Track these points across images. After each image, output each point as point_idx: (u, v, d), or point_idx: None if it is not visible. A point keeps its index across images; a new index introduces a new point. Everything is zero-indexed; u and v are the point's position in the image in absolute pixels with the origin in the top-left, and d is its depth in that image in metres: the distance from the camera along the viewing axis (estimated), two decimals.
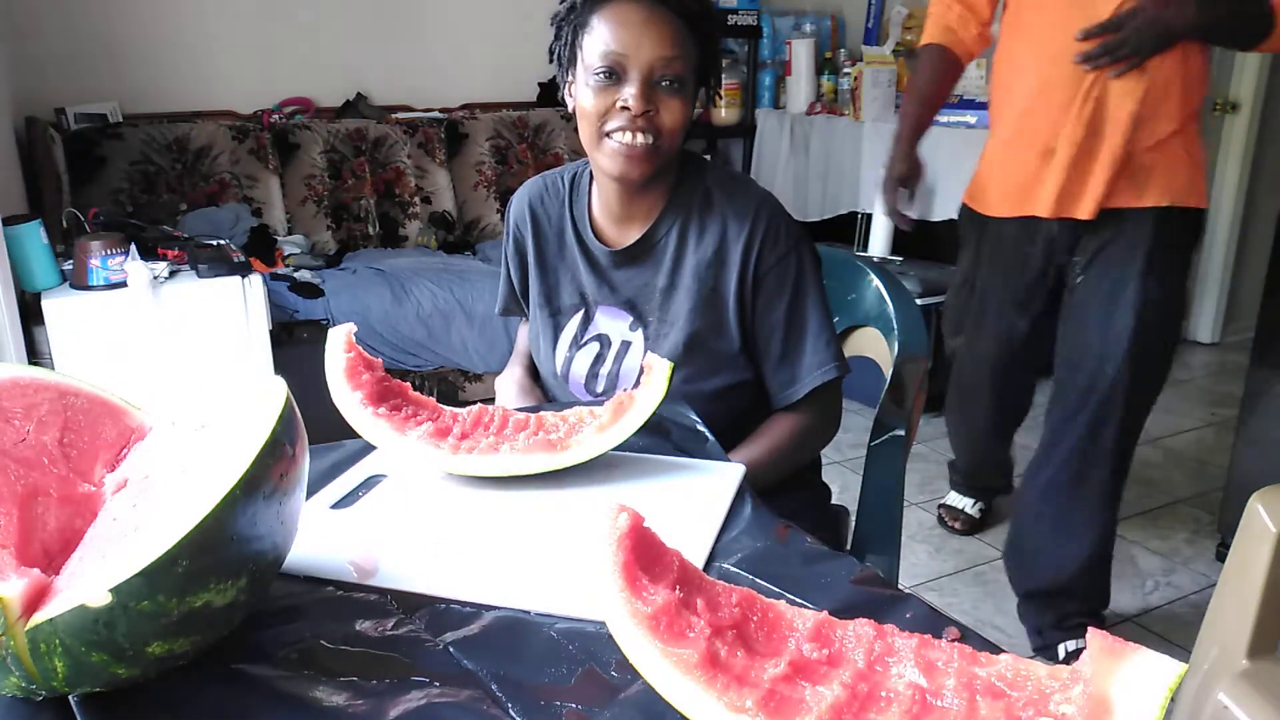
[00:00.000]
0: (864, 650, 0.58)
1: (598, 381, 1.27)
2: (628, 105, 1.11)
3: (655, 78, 1.11)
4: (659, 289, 1.23)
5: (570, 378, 1.29)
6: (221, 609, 0.60)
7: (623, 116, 1.12)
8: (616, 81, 1.11)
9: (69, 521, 0.65)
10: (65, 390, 0.71)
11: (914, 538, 2.47)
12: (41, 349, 2.34)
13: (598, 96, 1.12)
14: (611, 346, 1.27)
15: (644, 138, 1.12)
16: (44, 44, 3.13)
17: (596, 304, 1.27)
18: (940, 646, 0.58)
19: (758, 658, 0.57)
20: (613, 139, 1.13)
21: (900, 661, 0.57)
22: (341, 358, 0.95)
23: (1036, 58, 1.77)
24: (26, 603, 0.55)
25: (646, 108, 1.11)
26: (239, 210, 3.10)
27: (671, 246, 1.22)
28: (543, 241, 1.30)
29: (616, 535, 0.60)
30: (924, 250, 3.43)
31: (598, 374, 1.27)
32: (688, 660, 0.55)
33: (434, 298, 2.91)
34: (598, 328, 1.27)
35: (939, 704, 0.54)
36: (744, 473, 0.94)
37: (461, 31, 3.78)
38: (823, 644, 0.59)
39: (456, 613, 0.71)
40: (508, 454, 0.90)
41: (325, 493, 0.90)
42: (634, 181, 1.16)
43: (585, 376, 1.27)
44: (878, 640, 0.58)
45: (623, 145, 1.13)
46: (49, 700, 0.60)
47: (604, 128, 1.13)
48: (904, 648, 0.58)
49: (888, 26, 3.85)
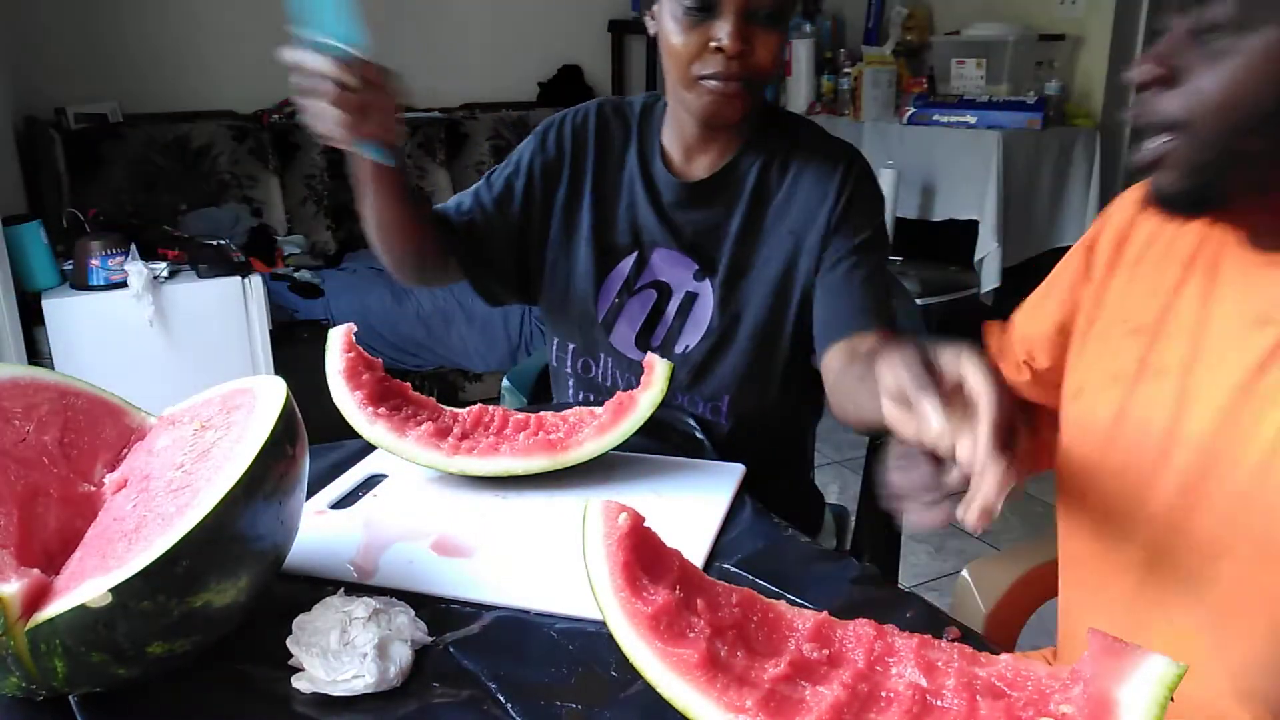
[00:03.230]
0: (864, 650, 0.58)
1: (654, 334, 1.15)
2: (722, 46, 0.99)
3: (751, 8, 0.99)
4: (732, 232, 1.10)
5: (616, 329, 1.15)
6: (221, 609, 0.60)
7: (717, 60, 1.00)
8: (709, 14, 0.99)
9: (69, 521, 0.65)
10: (65, 390, 0.71)
11: (914, 538, 2.47)
12: (41, 349, 2.34)
13: (687, 33, 1.00)
14: (673, 298, 1.14)
15: (739, 82, 1.01)
16: (44, 44, 3.12)
17: (653, 246, 1.13)
18: (940, 646, 0.58)
19: (758, 658, 0.57)
20: (705, 83, 1.02)
21: (900, 661, 0.57)
22: (341, 358, 0.95)
23: None
24: (27, 603, 0.55)
25: (742, 47, 0.99)
26: (239, 210, 3.10)
27: (751, 183, 1.10)
28: (603, 168, 1.16)
29: (616, 535, 0.59)
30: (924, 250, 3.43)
31: (653, 326, 1.14)
32: (687, 660, 0.55)
33: (434, 298, 2.91)
34: (655, 273, 1.14)
35: (939, 704, 0.54)
36: (743, 473, 0.94)
37: (461, 31, 3.78)
38: (823, 644, 0.58)
39: (457, 613, 0.71)
40: (508, 454, 0.90)
41: (325, 493, 0.90)
42: (725, 125, 1.07)
43: (639, 329, 1.15)
44: (878, 640, 0.58)
45: (717, 89, 1.02)
46: (49, 700, 0.60)
47: (695, 71, 1.02)
48: (904, 648, 0.57)
49: (888, 26, 3.85)
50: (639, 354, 1.14)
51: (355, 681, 0.60)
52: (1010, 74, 3.30)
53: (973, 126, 3.17)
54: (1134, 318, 0.77)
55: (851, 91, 3.64)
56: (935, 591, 2.24)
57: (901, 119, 3.43)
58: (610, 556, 0.59)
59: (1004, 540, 2.43)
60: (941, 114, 3.28)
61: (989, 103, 3.20)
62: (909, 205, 3.39)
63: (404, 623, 0.65)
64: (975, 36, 3.41)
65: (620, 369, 1.16)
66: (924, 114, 3.33)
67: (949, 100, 3.32)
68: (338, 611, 0.65)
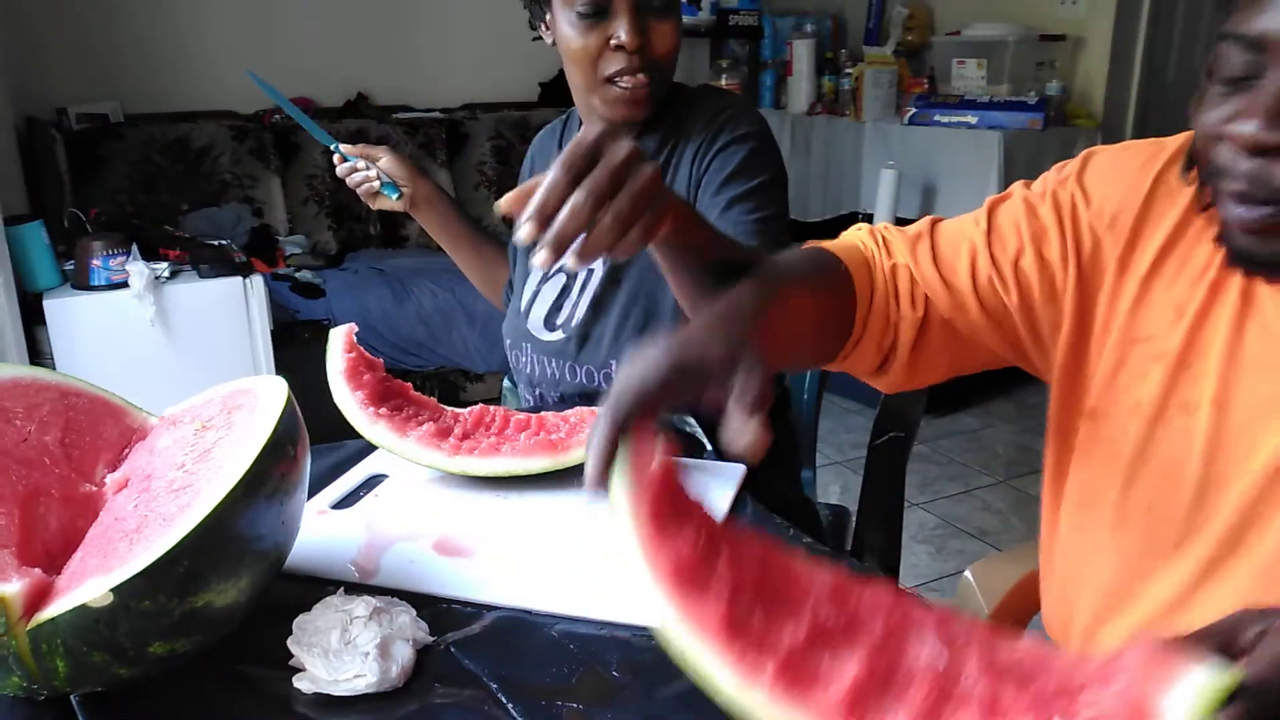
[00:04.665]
0: (882, 618, 0.55)
1: (558, 314, 1.20)
2: (621, 42, 1.01)
3: (643, 2, 1.01)
4: None
5: (531, 314, 1.22)
6: (222, 609, 0.60)
7: (619, 57, 1.03)
8: (602, 15, 1.02)
9: (70, 521, 0.65)
10: (66, 390, 0.71)
11: (914, 538, 2.47)
12: (43, 349, 2.34)
13: (585, 36, 1.03)
14: (576, 277, 1.18)
15: (644, 76, 1.03)
16: (45, 44, 3.13)
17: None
18: (960, 622, 0.55)
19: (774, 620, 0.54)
20: (614, 85, 1.05)
21: (920, 634, 0.54)
22: (342, 358, 0.95)
23: None
24: (28, 602, 0.55)
25: (640, 40, 1.02)
26: (240, 210, 3.10)
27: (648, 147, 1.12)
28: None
29: (647, 479, 0.55)
30: None
31: (560, 306, 1.20)
32: (706, 620, 0.52)
33: (435, 298, 2.91)
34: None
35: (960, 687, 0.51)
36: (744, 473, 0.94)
37: (462, 31, 3.78)
38: (839, 606, 0.55)
39: (458, 613, 0.71)
40: (509, 454, 0.90)
41: (326, 493, 0.90)
42: (635, 122, 1.09)
43: (548, 310, 1.21)
44: (895, 608, 0.55)
45: (624, 92, 1.04)
46: (50, 700, 0.60)
47: (600, 73, 1.05)
48: (924, 619, 0.55)
49: (889, 27, 3.85)
50: (547, 333, 1.21)
51: (357, 681, 0.60)
52: (1011, 74, 3.30)
53: (974, 127, 3.17)
54: (1156, 341, 0.71)
55: (852, 92, 3.65)
56: (936, 592, 2.24)
57: (902, 119, 3.43)
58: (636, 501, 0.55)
59: (1006, 541, 2.43)
60: (942, 114, 3.28)
61: (990, 103, 3.20)
62: (910, 205, 3.39)
63: (405, 622, 0.65)
64: (976, 37, 3.41)
65: (537, 352, 1.22)
66: (925, 114, 3.33)
67: (950, 100, 3.32)
68: (338, 611, 0.65)
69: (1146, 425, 0.71)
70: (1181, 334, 0.70)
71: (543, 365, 1.21)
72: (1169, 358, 0.70)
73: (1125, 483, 0.73)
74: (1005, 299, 0.77)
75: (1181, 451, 0.69)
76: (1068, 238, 0.75)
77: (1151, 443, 0.71)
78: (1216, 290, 0.69)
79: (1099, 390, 0.75)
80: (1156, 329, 0.72)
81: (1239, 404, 0.67)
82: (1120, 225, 0.74)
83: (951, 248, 0.79)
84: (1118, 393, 0.74)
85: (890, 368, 0.80)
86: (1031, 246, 0.76)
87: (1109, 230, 0.74)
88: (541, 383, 1.23)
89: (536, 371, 1.23)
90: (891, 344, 0.80)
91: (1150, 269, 0.73)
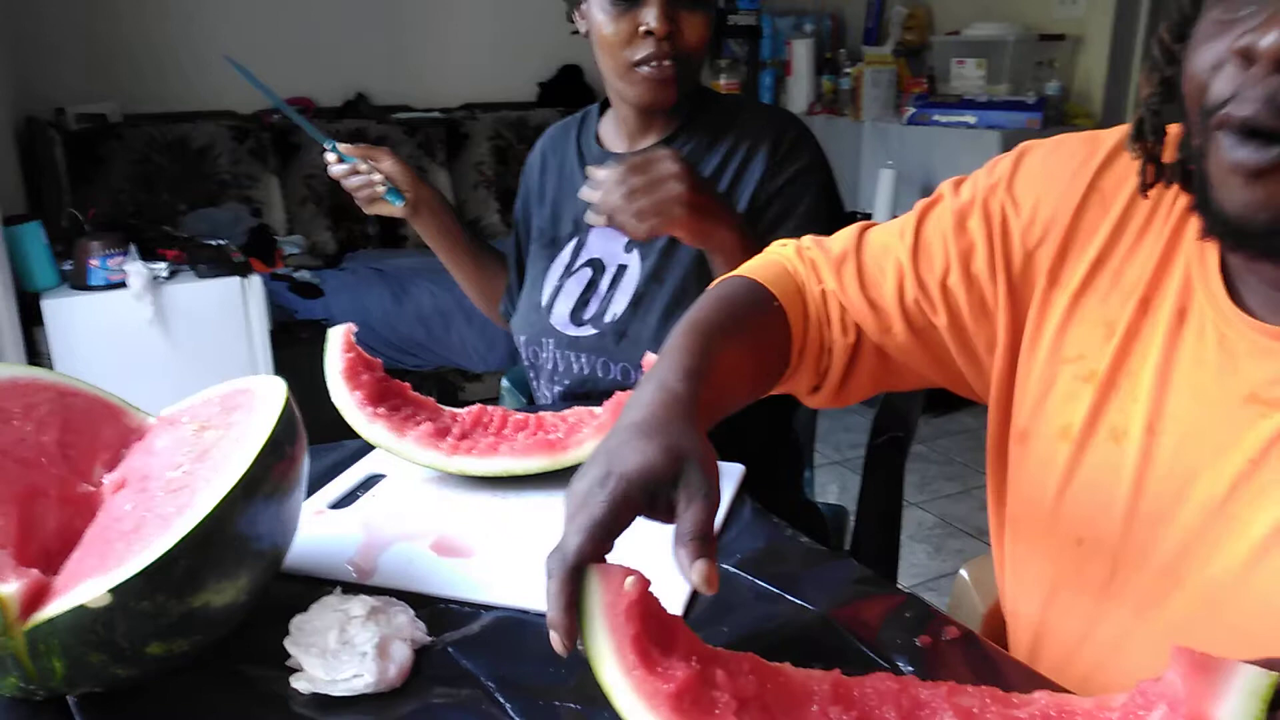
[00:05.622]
0: (893, 707, 0.53)
1: (586, 309, 1.20)
2: (650, 29, 1.05)
3: None
4: None
5: (554, 309, 1.22)
6: (221, 609, 0.60)
7: (648, 43, 1.06)
8: (635, 2, 1.06)
9: (68, 521, 0.65)
10: (64, 390, 0.71)
11: (914, 538, 2.48)
12: (41, 349, 2.34)
13: (616, 22, 1.07)
14: (606, 272, 1.19)
15: (670, 62, 1.07)
16: (44, 44, 3.13)
17: (589, 225, 1.18)
18: (969, 692, 0.54)
19: None
20: (639, 70, 1.08)
21: (935, 714, 0.53)
22: (341, 358, 0.95)
23: None
24: (25, 603, 0.55)
25: (670, 28, 1.06)
26: (239, 210, 3.10)
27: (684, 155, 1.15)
28: (549, 178, 1.27)
29: (624, 604, 0.52)
30: None
31: (587, 301, 1.20)
32: None
33: (433, 298, 2.91)
34: (590, 251, 1.21)
35: None
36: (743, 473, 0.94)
37: (461, 32, 3.78)
38: (846, 705, 0.54)
39: (456, 613, 0.71)
40: (507, 454, 0.90)
41: (324, 492, 0.90)
42: (662, 109, 1.13)
43: (573, 305, 1.21)
44: (903, 694, 0.54)
45: (651, 73, 1.08)
46: (48, 700, 0.60)
47: (629, 58, 1.08)
48: (933, 698, 0.54)
49: (888, 26, 3.85)
50: (574, 329, 1.20)
51: (355, 681, 0.60)
52: (1010, 74, 3.31)
53: (973, 126, 3.18)
54: (1086, 361, 0.67)
55: (852, 91, 3.65)
56: (934, 591, 2.24)
57: (901, 119, 3.43)
58: (617, 630, 0.52)
59: None
60: (941, 114, 3.29)
61: (989, 103, 3.20)
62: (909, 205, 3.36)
63: (403, 622, 0.65)
64: (975, 36, 3.41)
65: (561, 347, 1.21)
66: (924, 114, 3.33)
67: (949, 100, 3.33)
68: (335, 611, 0.65)
69: (1074, 450, 0.67)
70: (1111, 353, 0.66)
71: (568, 360, 1.21)
72: (1098, 378, 0.66)
73: (1051, 513, 0.69)
74: (934, 319, 0.75)
75: (1110, 480, 0.65)
76: (996, 252, 0.72)
77: (1079, 469, 0.67)
78: (1147, 306, 0.65)
79: (1028, 412, 0.71)
80: (1086, 348, 0.67)
81: (1171, 430, 0.62)
82: (1051, 237, 0.70)
83: (877, 268, 0.77)
84: (1047, 415, 0.70)
85: (822, 388, 0.80)
86: (959, 264, 0.73)
87: (1039, 244, 0.70)
88: (566, 377, 1.22)
89: (560, 366, 1.22)
90: (825, 368, 0.79)
91: (1081, 284, 0.68)
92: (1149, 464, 0.63)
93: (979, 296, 0.73)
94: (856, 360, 0.78)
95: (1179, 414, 0.62)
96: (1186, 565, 0.62)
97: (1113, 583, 0.66)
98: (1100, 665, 0.67)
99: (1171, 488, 0.62)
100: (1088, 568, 0.67)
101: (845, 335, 0.77)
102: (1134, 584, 0.65)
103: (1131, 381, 0.65)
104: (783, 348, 0.76)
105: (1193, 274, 0.63)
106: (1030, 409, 0.71)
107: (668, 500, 0.56)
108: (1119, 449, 0.65)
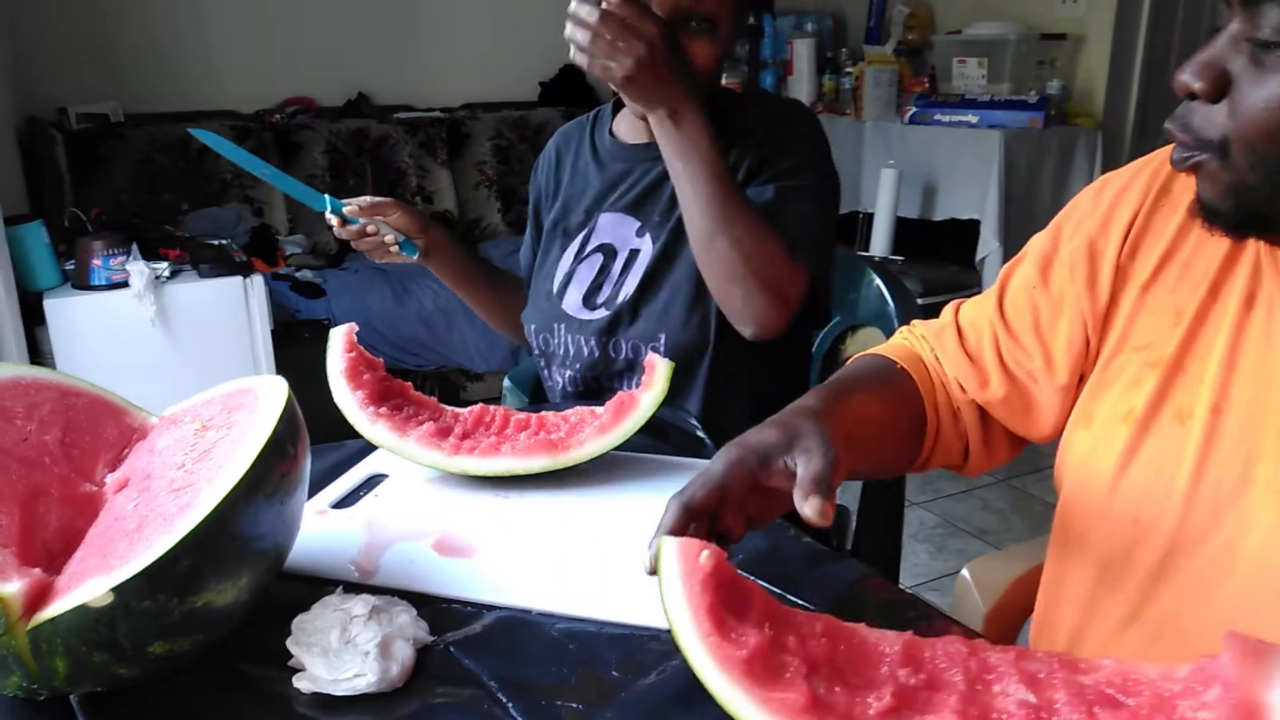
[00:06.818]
0: (961, 670, 0.54)
1: (599, 294, 1.20)
2: None
3: (680, 16, 1.05)
4: (670, 189, 1.13)
5: (566, 295, 1.22)
6: (222, 609, 0.60)
7: None
8: None
9: (70, 521, 0.65)
10: (67, 390, 0.71)
11: (915, 537, 2.47)
12: (43, 348, 2.34)
13: None
14: (618, 257, 1.20)
15: None
16: (46, 44, 3.13)
17: (600, 211, 1.21)
18: (1037, 656, 0.55)
19: (857, 691, 0.54)
20: None
21: (1002, 678, 0.53)
22: (343, 357, 0.95)
23: None
24: (28, 602, 0.55)
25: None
26: (240, 210, 3.10)
27: None
28: (563, 172, 1.28)
29: (699, 576, 0.55)
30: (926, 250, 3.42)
31: (600, 286, 1.20)
32: (791, 705, 0.51)
33: (435, 297, 2.91)
34: (601, 236, 1.22)
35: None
36: None
37: (463, 31, 3.78)
38: (916, 667, 0.55)
39: (457, 612, 0.71)
40: (509, 454, 0.90)
41: (326, 492, 0.90)
42: None
43: (586, 291, 1.21)
44: (972, 657, 0.55)
45: None
46: (50, 700, 0.60)
47: None
48: (1001, 662, 0.54)
49: (889, 26, 3.85)
50: (587, 313, 1.21)
51: (358, 680, 0.60)
52: (1012, 73, 3.30)
53: (974, 126, 3.17)
54: (1153, 348, 0.69)
55: (853, 91, 3.65)
56: (936, 591, 2.24)
57: (903, 118, 3.43)
58: (693, 599, 0.55)
59: (1004, 540, 2.43)
60: (943, 113, 3.28)
61: (990, 102, 3.20)
62: (910, 205, 3.39)
63: (405, 622, 0.65)
64: (977, 36, 3.41)
65: (572, 332, 1.22)
66: (925, 113, 3.33)
67: (950, 99, 3.33)
68: (336, 610, 0.65)
69: (1136, 431, 0.69)
70: (1179, 338, 0.68)
71: (579, 344, 1.21)
72: (1164, 363, 0.68)
73: (1108, 494, 0.70)
74: (1029, 366, 0.78)
75: (1171, 461, 0.67)
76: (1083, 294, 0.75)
77: (1140, 450, 0.69)
78: (1216, 293, 0.67)
79: (1092, 397, 0.74)
80: (1154, 335, 0.70)
81: (1235, 411, 0.64)
82: (1129, 237, 0.73)
83: (972, 327, 0.82)
84: (1110, 399, 0.72)
85: (970, 452, 0.83)
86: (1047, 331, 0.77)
87: (1119, 248, 0.74)
88: (577, 362, 1.22)
89: (571, 351, 1.22)
90: (964, 431, 0.82)
91: (1151, 275, 0.71)
92: (1212, 445, 0.65)
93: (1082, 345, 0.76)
94: (986, 416, 0.82)
95: (1244, 396, 0.65)
96: (1244, 546, 0.63)
97: (1166, 564, 0.67)
98: (1145, 650, 0.69)
99: (1234, 470, 0.64)
100: (1140, 549, 0.69)
101: (964, 393, 0.81)
102: (1188, 567, 0.66)
103: (1199, 365, 0.67)
104: (915, 405, 0.80)
105: (1262, 261, 0.66)
106: (1092, 392, 0.74)
107: (786, 466, 0.63)
108: (1183, 430, 0.67)
